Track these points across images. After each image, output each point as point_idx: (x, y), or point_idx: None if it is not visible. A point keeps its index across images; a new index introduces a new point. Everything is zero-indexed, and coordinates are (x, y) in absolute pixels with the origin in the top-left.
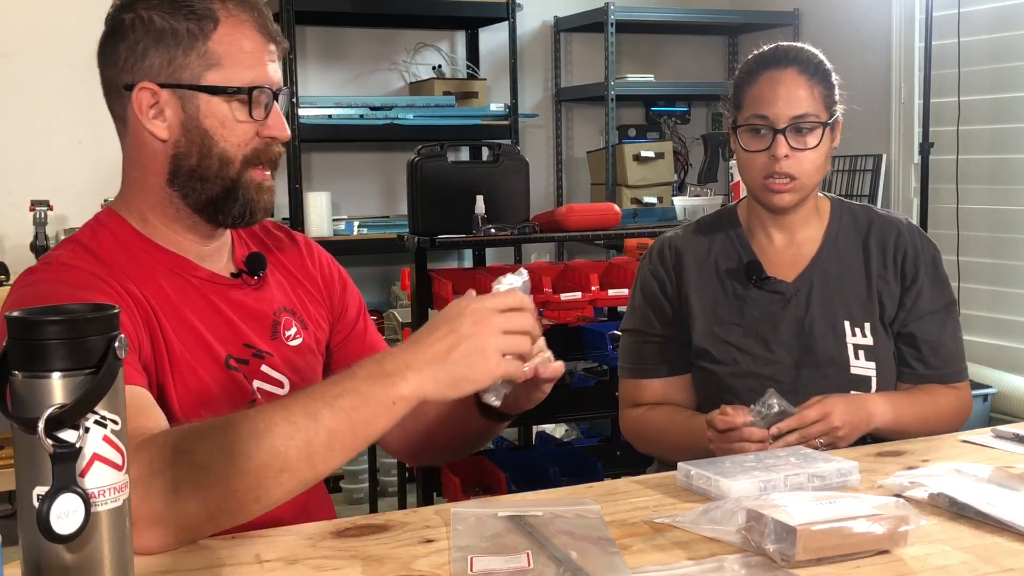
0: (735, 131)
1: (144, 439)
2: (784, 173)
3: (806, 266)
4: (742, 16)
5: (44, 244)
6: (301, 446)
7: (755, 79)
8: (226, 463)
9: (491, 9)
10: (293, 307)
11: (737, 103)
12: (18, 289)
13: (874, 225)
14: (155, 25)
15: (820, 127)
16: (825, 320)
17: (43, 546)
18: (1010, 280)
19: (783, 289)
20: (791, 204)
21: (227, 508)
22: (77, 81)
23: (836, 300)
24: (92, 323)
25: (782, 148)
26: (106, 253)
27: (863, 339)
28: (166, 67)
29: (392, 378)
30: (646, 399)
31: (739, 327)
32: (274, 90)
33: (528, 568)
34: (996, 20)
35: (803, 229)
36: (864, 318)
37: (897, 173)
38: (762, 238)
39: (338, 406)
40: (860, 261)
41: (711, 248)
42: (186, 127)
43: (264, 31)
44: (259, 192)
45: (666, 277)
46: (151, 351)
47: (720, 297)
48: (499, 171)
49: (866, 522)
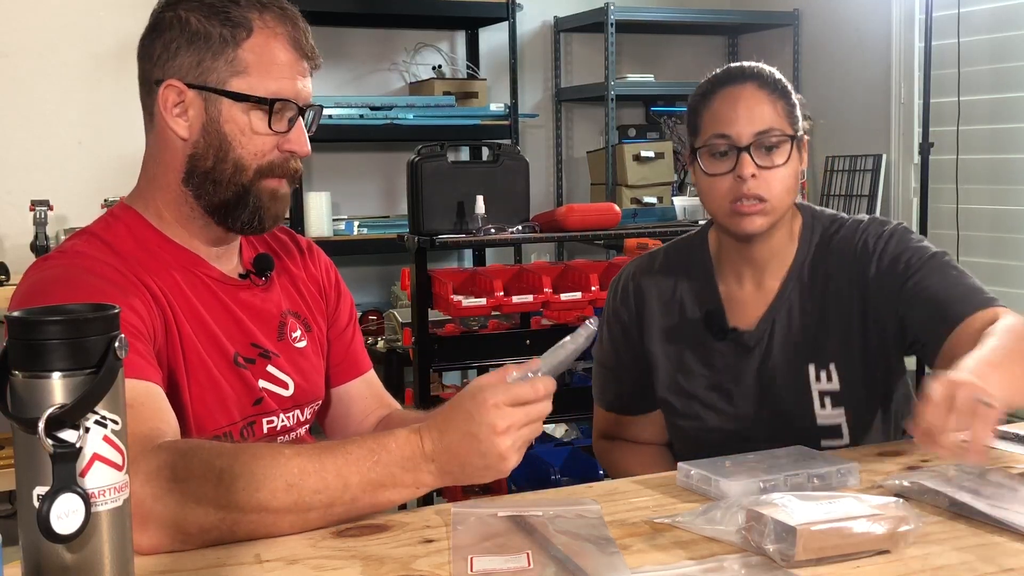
0: (694, 157)
1: (166, 442)
2: (752, 195)
3: (767, 308)
4: (742, 16)
5: (44, 244)
6: (324, 502)
7: (711, 99)
8: (251, 496)
9: (491, 9)
10: (298, 310)
11: (694, 128)
12: (32, 275)
13: (836, 238)
14: (191, 26)
15: (787, 142)
16: (787, 368)
17: (43, 546)
18: (1010, 280)
19: (745, 340)
20: (762, 228)
21: (238, 531)
22: (77, 81)
23: (800, 342)
24: (92, 323)
25: (748, 167)
26: (121, 244)
27: (828, 384)
28: (194, 68)
29: (420, 469)
30: (618, 433)
31: (704, 377)
32: (301, 105)
33: (528, 568)
34: (996, 20)
35: (772, 262)
36: (831, 358)
37: (897, 173)
38: (729, 275)
39: (368, 479)
40: (828, 286)
41: (676, 288)
42: (206, 129)
43: (297, 46)
44: (272, 200)
45: (629, 322)
46: (164, 343)
47: (684, 345)
48: (499, 171)
49: (866, 522)
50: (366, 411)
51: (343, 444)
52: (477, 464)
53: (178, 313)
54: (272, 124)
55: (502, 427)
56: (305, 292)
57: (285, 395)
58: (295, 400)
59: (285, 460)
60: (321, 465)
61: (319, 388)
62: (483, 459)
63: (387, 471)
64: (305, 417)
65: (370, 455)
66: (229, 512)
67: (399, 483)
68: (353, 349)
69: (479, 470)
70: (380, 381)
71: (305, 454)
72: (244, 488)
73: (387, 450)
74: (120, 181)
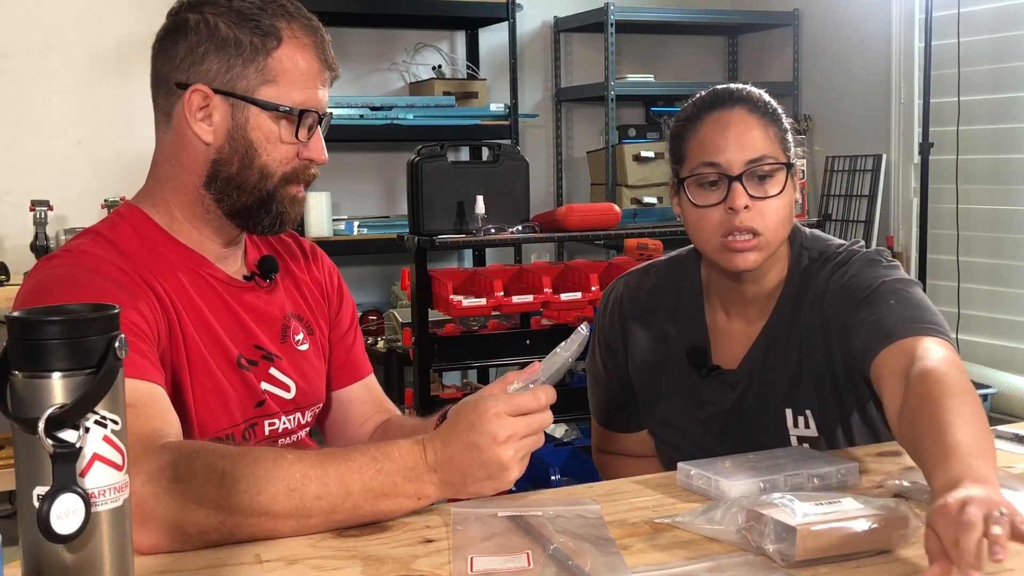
0: (680, 188)
1: (169, 442)
2: (746, 228)
3: (750, 348)
4: (742, 16)
5: (44, 244)
6: (326, 508)
7: (698, 124)
8: (252, 499)
9: (491, 9)
10: (301, 312)
11: (678, 156)
12: (36, 274)
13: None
14: (220, 32)
15: (781, 170)
16: (766, 410)
17: (43, 546)
18: (1010, 280)
19: (728, 379)
20: (755, 265)
21: (238, 533)
22: (77, 81)
23: (779, 384)
24: (92, 323)
25: (741, 198)
26: (126, 244)
27: (805, 430)
28: (223, 74)
29: (423, 480)
30: (612, 447)
31: (685, 409)
32: (321, 114)
33: (528, 568)
34: (996, 20)
35: (761, 297)
36: (807, 403)
37: (897, 173)
38: (717, 306)
39: (370, 487)
40: (801, 324)
41: (664, 313)
42: (232, 135)
43: (322, 57)
44: (292, 205)
45: (615, 345)
46: (168, 343)
47: (668, 375)
48: (499, 171)
49: (866, 522)
50: (365, 415)
51: (346, 451)
52: (479, 475)
53: (182, 314)
54: (298, 134)
55: (503, 437)
56: (308, 295)
57: (287, 397)
58: (296, 403)
59: (288, 465)
60: (324, 471)
61: (320, 391)
62: (484, 469)
63: (389, 480)
64: (306, 420)
65: (373, 463)
66: (230, 514)
67: (401, 492)
68: (354, 353)
69: (481, 481)
70: (380, 386)
71: (308, 459)
72: (246, 491)
73: (390, 459)
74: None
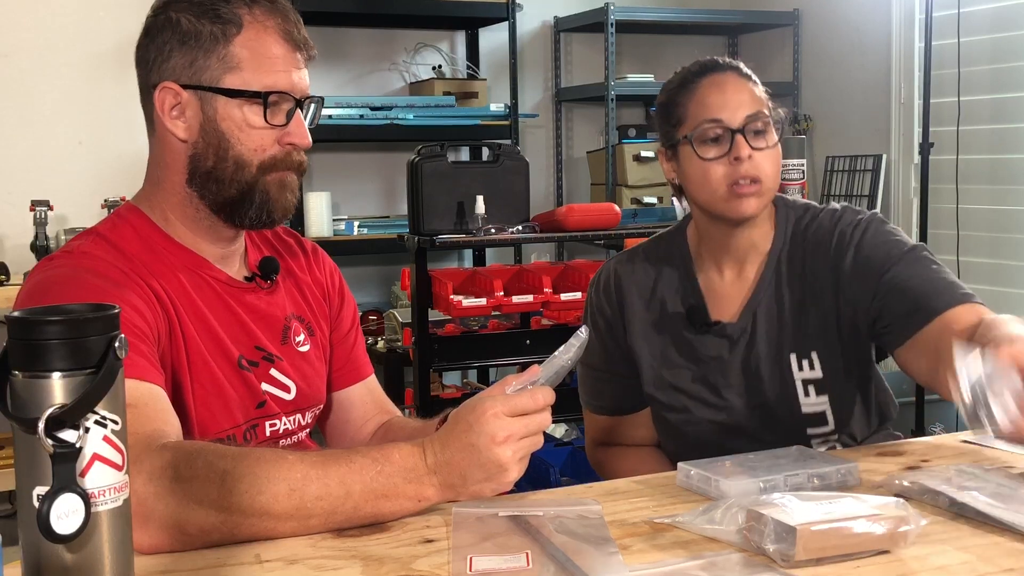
0: (681, 145)
1: (171, 442)
2: (750, 176)
3: (747, 299)
4: (742, 16)
5: (44, 244)
6: (326, 508)
7: (694, 88)
8: (253, 500)
9: (491, 9)
10: (302, 313)
11: (676, 119)
12: (37, 275)
13: (811, 226)
14: (181, 27)
15: (772, 125)
16: (770, 358)
17: (43, 546)
18: (1010, 280)
19: (729, 332)
20: (758, 211)
21: (238, 533)
22: (77, 81)
23: (781, 331)
24: (92, 323)
25: (744, 148)
26: (127, 245)
27: (811, 372)
28: (187, 68)
29: (423, 482)
30: (612, 437)
31: (689, 371)
32: (298, 97)
33: (528, 568)
34: (996, 20)
35: (752, 251)
36: (812, 345)
37: (897, 173)
38: (709, 266)
39: (370, 489)
40: (805, 275)
41: (657, 282)
42: (204, 129)
43: (289, 38)
44: (281, 190)
45: (612, 317)
46: (168, 345)
47: (668, 339)
48: (499, 171)
49: (866, 522)
50: (366, 416)
51: (347, 453)
52: (478, 476)
53: (183, 315)
54: (268, 118)
55: (501, 437)
56: (309, 296)
57: (287, 399)
58: (297, 404)
59: (289, 465)
60: (324, 472)
61: (321, 392)
62: (483, 470)
63: (390, 481)
64: (307, 421)
65: (373, 464)
66: (230, 514)
67: (401, 494)
68: (355, 354)
69: (480, 482)
70: (381, 387)
71: (308, 460)
72: (246, 491)
73: (390, 461)
74: (120, 181)
